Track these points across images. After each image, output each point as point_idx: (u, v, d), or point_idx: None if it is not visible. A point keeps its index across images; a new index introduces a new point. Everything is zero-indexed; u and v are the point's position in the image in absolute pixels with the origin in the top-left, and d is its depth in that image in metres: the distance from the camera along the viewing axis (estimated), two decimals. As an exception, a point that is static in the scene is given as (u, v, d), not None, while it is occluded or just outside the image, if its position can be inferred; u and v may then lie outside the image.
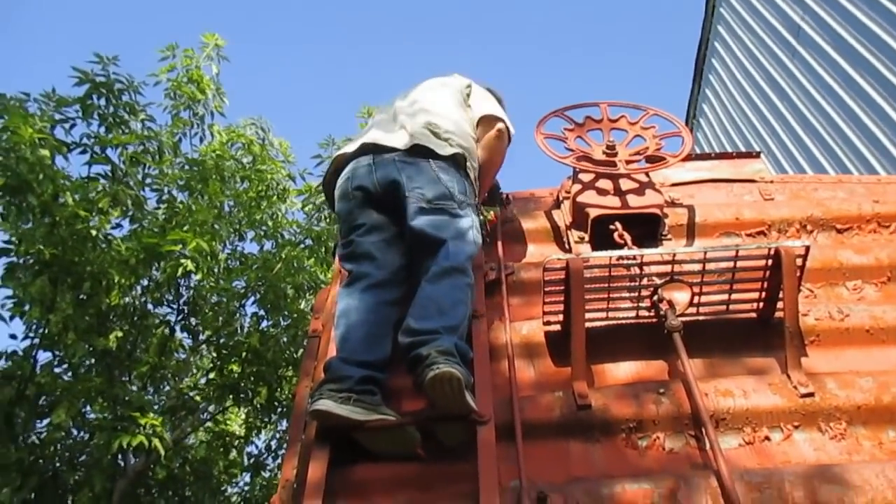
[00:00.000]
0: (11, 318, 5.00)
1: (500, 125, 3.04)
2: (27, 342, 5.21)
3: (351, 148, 2.89)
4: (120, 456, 5.51)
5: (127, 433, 4.56)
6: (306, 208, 8.00)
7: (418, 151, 2.73)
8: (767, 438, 2.27)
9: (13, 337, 5.22)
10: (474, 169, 2.87)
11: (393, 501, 2.13)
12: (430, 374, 2.18)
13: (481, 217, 2.84)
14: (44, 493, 5.24)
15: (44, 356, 5.30)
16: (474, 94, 3.15)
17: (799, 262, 2.47)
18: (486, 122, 3.04)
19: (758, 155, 3.73)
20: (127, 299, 5.68)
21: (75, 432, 5.80)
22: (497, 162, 3.11)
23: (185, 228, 5.55)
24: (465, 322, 2.45)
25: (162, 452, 4.92)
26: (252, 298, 7.01)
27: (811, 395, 2.31)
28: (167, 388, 6.69)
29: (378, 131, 2.90)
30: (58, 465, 5.39)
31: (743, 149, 11.21)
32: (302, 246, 7.57)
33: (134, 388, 5.72)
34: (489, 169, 3.06)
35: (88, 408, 5.14)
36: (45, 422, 5.18)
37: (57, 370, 5.22)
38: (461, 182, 2.73)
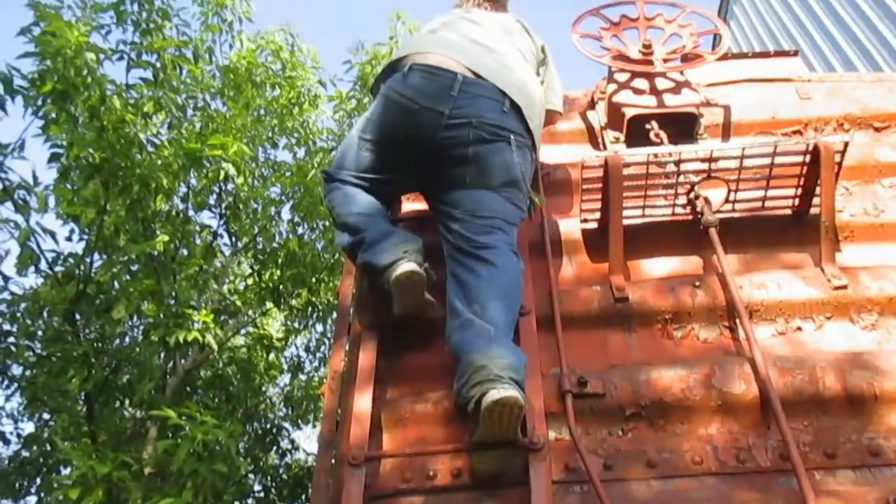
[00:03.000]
0: (67, 217, 5.16)
1: (555, 121, 3.06)
2: (82, 243, 5.42)
3: (432, 59, 2.51)
4: (170, 355, 5.78)
5: (181, 329, 4.76)
6: (337, 115, 8.03)
7: (503, 120, 2.43)
8: (800, 329, 2.36)
9: (69, 239, 5.42)
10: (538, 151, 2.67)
11: (438, 387, 2.24)
12: (493, 394, 1.87)
13: (528, 201, 2.61)
14: (107, 386, 5.55)
15: (98, 257, 5.51)
16: (549, 72, 2.94)
17: (837, 158, 2.49)
18: (549, 114, 2.89)
19: (795, 53, 3.69)
20: (169, 205, 5.84)
21: (132, 332, 6.11)
22: None
23: (222, 134, 5.63)
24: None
25: (215, 348, 5.14)
26: (288, 205, 7.13)
27: (844, 287, 2.38)
28: (208, 293, 6.91)
29: (464, 46, 2.58)
30: (116, 362, 5.69)
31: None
32: (334, 152, 7.63)
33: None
34: None
35: (142, 307, 5.35)
36: (105, 319, 5.41)
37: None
38: (530, 166, 2.52)
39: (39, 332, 5.61)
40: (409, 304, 2.30)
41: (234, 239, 7.20)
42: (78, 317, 5.43)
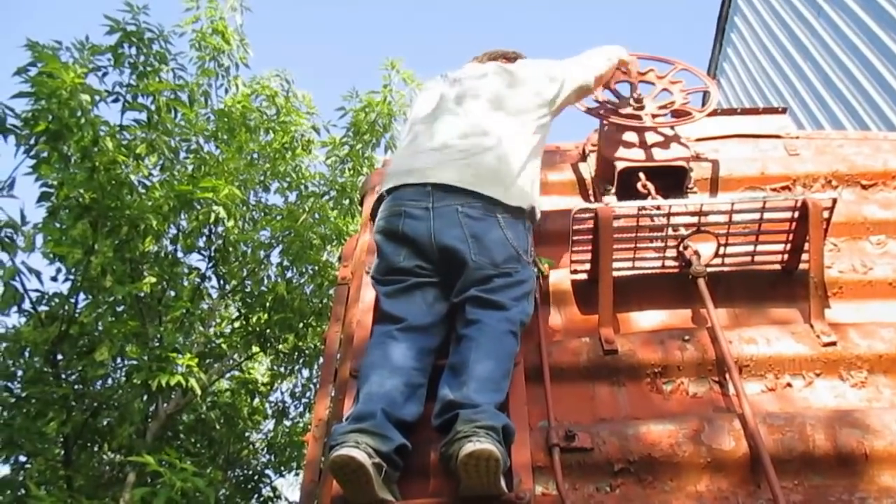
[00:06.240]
0: (54, 257, 5.14)
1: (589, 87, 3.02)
2: (67, 283, 5.38)
3: (403, 178, 2.57)
4: (152, 398, 5.70)
5: (164, 373, 4.70)
6: (329, 161, 8.09)
7: (484, 198, 2.47)
8: (789, 385, 2.35)
9: (54, 279, 5.39)
10: (535, 217, 2.64)
11: (424, 438, 2.20)
12: (468, 447, 1.89)
13: (536, 270, 2.63)
14: (86, 430, 5.46)
15: (82, 298, 5.49)
16: (565, 80, 2.91)
17: (826, 214, 2.51)
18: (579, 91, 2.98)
19: (783, 111, 3.74)
20: (158, 246, 5.82)
21: (114, 374, 6.03)
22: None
23: (214, 177, 5.65)
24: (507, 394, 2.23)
25: (198, 392, 5.07)
26: (277, 249, 7.13)
27: (833, 343, 2.37)
28: (193, 335, 6.86)
29: (433, 158, 2.59)
30: (97, 405, 5.61)
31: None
32: (326, 197, 7.68)
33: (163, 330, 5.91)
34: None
35: (126, 349, 5.29)
36: (87, 361, 5.33)
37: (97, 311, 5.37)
38: (524, 237, 2.53)
39: (19, 373, 5.53)
40: (352, 494, 1.98)
41: (222, 282, 7.18)
42: (59, 358, 5.37)
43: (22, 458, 5.82)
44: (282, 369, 8.26)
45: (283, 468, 8.72)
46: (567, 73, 2.93)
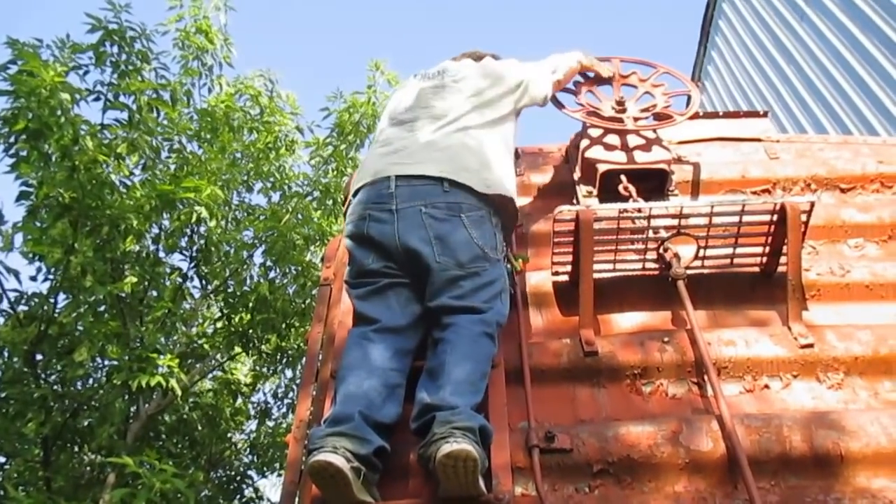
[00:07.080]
0: (33, 256, 5.10)
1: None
2: (47, 283, 5.36)
3: (368, 178, 2.57)
4: (133, 399, 5.68)
5: (145, 374, 4.68)
6: (313, 161, 8.09)
7: (449, 197, 2.46)
8: (767, 387, 2.37)
9: (33, 279, 5.35)
10: (508, 211, 2.62)
11: (405, 439, 2.20)
12: (445, 448, 1.90)
13: (509, 266, 2.62)
14: (65, 430, 5.43)
15: (62, 298, 5.47)
16: (527, 88, 2.89)
17: (804, 217, 2.53)
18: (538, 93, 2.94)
19: (765, 114, 3.77)
20: (139, 246, 5.80)
21: (95, 374, 6.01)
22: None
23: (197, 177, 5.64)
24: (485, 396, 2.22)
25: (178, 393, 5.05)
26: (260, 249, 7.11)
27: (811, 346, 2.40)
28: (175, 336, 6.84)
29: (400, 154, 2.59)
30: (76, 405, 5.58)
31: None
32: (309, 198, 7.67)
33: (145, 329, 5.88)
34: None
35: (106, 350, 5.26)
36: (66, 361, 5.30)
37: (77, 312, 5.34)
38: (492, 235, 2.49)
39: (-2, 373, 5.49)
40: (331, 498, 2.00)
41: (204, 282, 7.15)
42: (39, 358, 5.34)
43: (0, 459, 5.78)
44: (264, 370, 8.26)
45: (265, 469, 8.71)
46: (529, 75, 2.93)
